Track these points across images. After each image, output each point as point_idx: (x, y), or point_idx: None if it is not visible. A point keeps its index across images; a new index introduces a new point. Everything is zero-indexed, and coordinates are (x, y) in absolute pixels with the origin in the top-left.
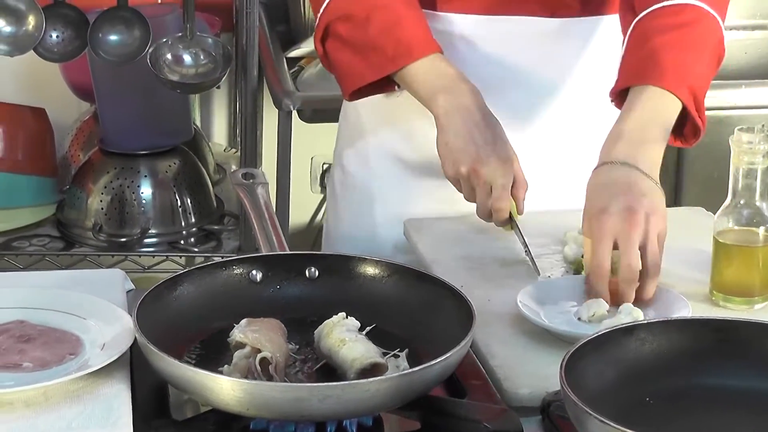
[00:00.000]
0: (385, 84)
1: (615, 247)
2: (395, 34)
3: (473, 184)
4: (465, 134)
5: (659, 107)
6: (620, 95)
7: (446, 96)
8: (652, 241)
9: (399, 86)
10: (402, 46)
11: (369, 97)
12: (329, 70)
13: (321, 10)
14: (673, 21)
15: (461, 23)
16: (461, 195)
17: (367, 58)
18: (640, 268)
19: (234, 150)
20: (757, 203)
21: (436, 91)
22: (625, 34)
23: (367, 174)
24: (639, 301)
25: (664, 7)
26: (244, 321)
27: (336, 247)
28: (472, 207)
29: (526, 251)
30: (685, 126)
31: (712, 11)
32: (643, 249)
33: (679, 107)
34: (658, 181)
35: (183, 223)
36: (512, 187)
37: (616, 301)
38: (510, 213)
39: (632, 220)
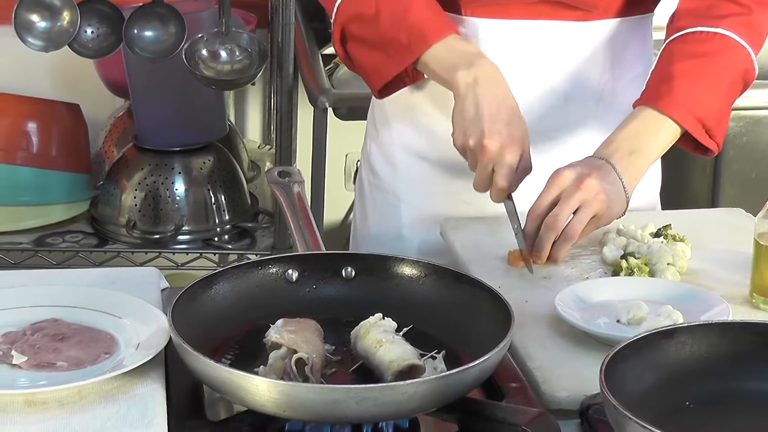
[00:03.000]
0: (412, 74)
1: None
2: (406, 23)
3: (478, 156)
4: (480, 107)
5: (659, 129)
6: None
7: (466, 71)
8: (585, 212)
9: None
10: (415, 34)
11: (394, 97)
12: (354, 71)
13: (333, 14)
14: (698, 49)
15: (486, 28)
16: (486, 196)
17: (386, 53)
18: (564, 224)
19: (268, 147)
20: None
21: (455, 68)
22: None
23: (393, 174)
24: (549, 259)
25: (695, 32)
26: (280, 321)
27: (363, 247)
28: (499, 208)
29: (516, 233)
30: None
31: (742, 41)
32: (575, 213)
33: (677, 132)
34: (629, 192)
35: (217, 221)
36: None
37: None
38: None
39: (582, 184)
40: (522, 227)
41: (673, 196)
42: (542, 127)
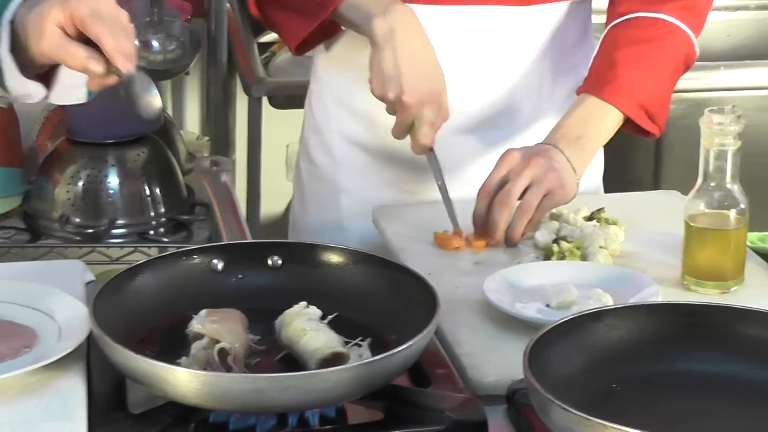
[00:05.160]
0: (328, 29)
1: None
2: None
3: (397, 110)
4: (399, 61)
5: (605, 116)
6: None
7: (382, 19)
8: (538, 187)
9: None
10: None
11: (332, 83)
12: (270, 29)
13: None
14: (640, 34)
15: (424, 14)
16: (427, 184)
17: (300, 10)
18: (516, 199)
19: (207, 138)
20: (728, 186)
21: (370, 16)
22: (603, 34)
23: (332, 163)
24: (507, 240)
25: (638, 18)
26: (203, 311)
27: (301, 237)
28: (438, 194)
29: (440, 188)
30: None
31: (683, 26)
32: (527, 189)
33: (621, 119)
34: (579, 176)
35: (152, 214)
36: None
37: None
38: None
39: (532, 161)
40: (445, 182)
41: (617, 180)
42: (484, 114)
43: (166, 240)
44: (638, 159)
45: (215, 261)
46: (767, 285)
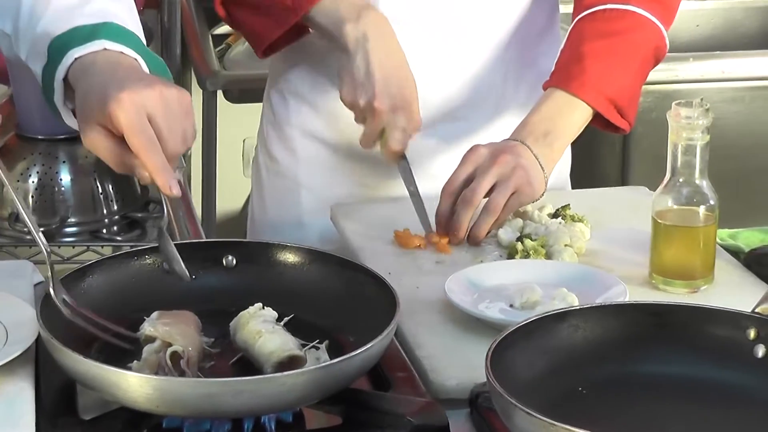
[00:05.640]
0: (296, 31)
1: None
2: None
3: (368, 118)
4: (371, 66)
5: (573, 111)
6: None
7: (354, 25)
8: (504, 185)
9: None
10: None
11: (292, 77)
12: (236, 30)
13: None
14: (608, 27)
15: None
16: (390, 180)
17: (269, 14)
18: (481, 198)
19: None
20: (697, 181)
21: (343, 21)
22: (570, 26)
23: (292, 159)
24: (470, 239)
25: (605, 10)
26: (155, 313)
27: (261, 235)
28: (402, 191)
29: (412, 195)
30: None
31: (652, 18)
32: (494, 188)
33: (590, 114)
34: (547, 172)
35: (105, 211)
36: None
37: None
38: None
39: (500, 159)
40: (417, 189)
41: (582, 176)
42: (447, 106)
43: (119, 239)
44: (604, 154)
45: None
46: (738, 284)
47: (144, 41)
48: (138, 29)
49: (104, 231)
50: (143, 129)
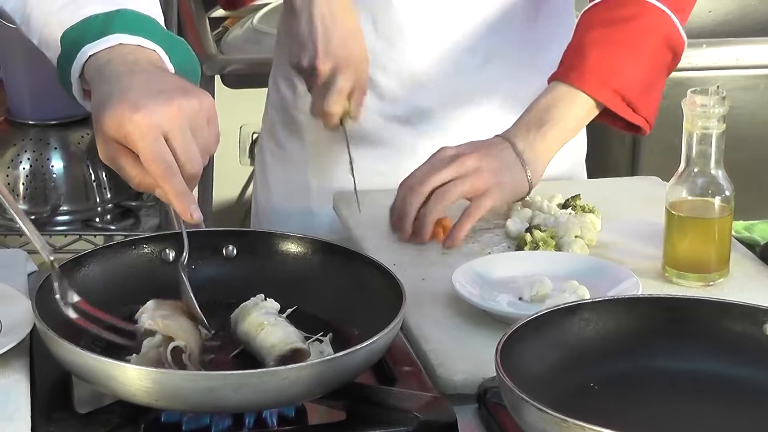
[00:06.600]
0: None
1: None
2: None
3: (312, 78)
4: (314, 25)
5: (574, 102)
6: None
7: None
8: (461, 182)
9: None
10: None
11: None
12: None
13: None
14: (611, 15)
15: None
16: (403, 166)
17: None
18: (429, 189)
19: None
20: (712, 171)
21: None
22: None
23: (300, 144)
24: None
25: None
26: (150, 303)
27: (266, 224)
28: None
29: (350, 163)
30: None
31: (660, 5)
32: (450, 182)
33: (593, 106)
34: (532, 168)
35: (97, 200)
36: (353, 90)
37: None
38: (341, 119)
39: (458, 160)
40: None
41: (591, 165)
42: (459, 89)
43: (112, 228)
44: (614, 143)
45: (167, 250)
46: (753, 277)
47: (162, 23)
48: (155, 9)
49: (97, 220)
50: (161, 155)
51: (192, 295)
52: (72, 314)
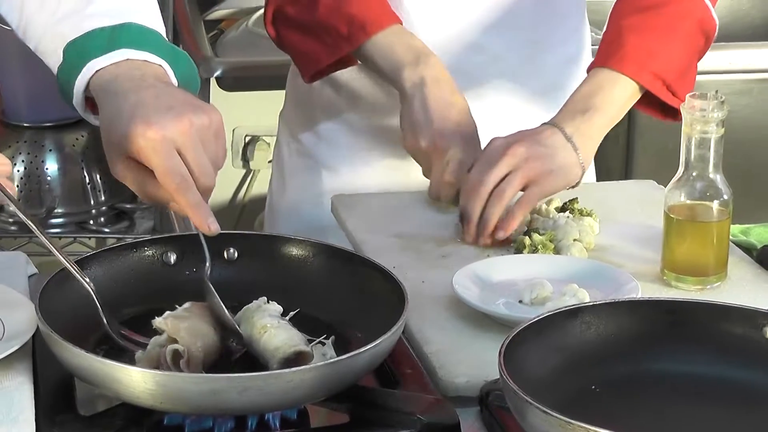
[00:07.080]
0: (345, 60)
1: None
2: (345, 11)
3: (432, 158)
4: (429, 108)
5: (615, 87)
6: None
7: (412, 69)
8: (513, 176)
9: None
10: (355, 24)
11: None
12: (284, 51)
13: None
14: (644, 2)
15: None
16: (412, 162)
17: (321, 40)
18: (489, 189)
19: None
20: (711, 175)
21: (400, 66)
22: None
23: (315, 140)
24: (493, 235)
25: None
26: (187, 304)
27: (280, 219)
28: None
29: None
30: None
31: None
32: (504, 179)
33: (635, 90)
34: (583, 153)
35: (92, 202)
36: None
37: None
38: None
39: (509, 150)
40: None
41: None
42: (464, 87)
43: (107, 230)
44: (607, 146)
45: (168, 253)
46: (751, 280)
47: (164, 33)
48: (158, 21)
49: (91, 222)
50: (175, 169)
51: (222, 304)
52: (121, 342)
